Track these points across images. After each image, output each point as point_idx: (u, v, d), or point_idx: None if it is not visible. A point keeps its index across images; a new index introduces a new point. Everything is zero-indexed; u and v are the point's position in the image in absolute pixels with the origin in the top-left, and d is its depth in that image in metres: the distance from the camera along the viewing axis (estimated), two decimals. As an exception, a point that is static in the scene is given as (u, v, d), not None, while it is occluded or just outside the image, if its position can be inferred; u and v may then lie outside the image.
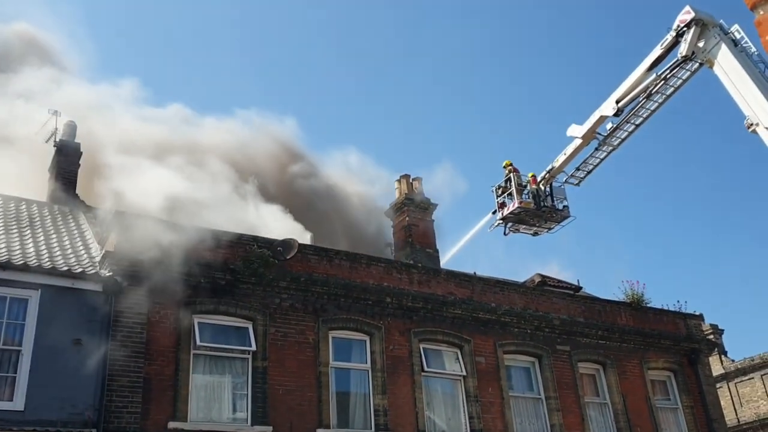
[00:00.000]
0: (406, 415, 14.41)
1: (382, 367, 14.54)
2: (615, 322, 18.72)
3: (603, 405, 17.62)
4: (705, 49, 17.85)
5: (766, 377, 30.71)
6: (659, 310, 19.94)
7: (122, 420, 11.47)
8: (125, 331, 12.03)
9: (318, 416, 13.38)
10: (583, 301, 19.02)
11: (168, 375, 12.28)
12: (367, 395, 14.30)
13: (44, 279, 11.72)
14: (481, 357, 15.97)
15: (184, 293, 12.93)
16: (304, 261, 14.54)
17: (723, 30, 17.74)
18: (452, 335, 15.80)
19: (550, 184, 22.68)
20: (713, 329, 31.03)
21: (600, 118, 20.67)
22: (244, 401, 12.94)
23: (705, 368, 19.83)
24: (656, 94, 19.68)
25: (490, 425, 15.34)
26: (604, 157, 21.55)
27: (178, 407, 12.15)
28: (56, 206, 15.98)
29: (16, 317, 11.41)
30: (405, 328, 15.24)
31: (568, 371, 17.20)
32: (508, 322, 16.69)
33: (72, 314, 11.69)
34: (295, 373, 13.50)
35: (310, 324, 14.09)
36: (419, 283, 15.97)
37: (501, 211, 22.89)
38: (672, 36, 18.55)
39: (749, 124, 16.46)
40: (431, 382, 15.30)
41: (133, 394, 11.73)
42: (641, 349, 18.72)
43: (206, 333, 13.06)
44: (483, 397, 15.54)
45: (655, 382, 18.84)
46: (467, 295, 16.47)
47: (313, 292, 14.28)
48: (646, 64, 19.41)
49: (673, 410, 18.82)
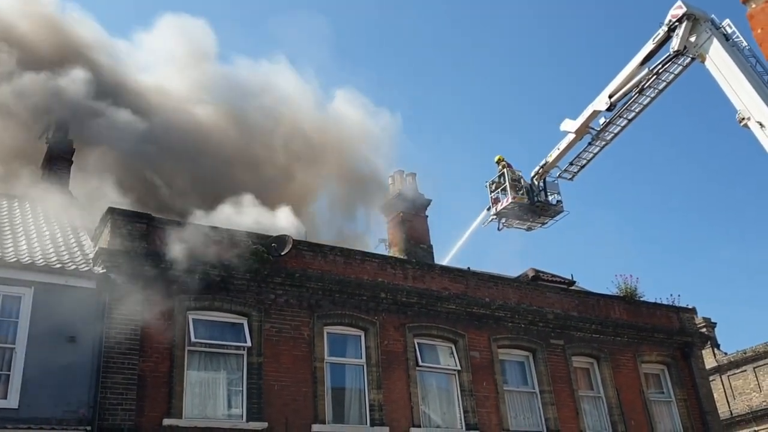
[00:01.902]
0: (401, 409, 14.44)
1: (377, 362, 14.57)
2: (608, 316, 18.80)
3: (597, 398, 17.70)
4: (697, 44, 17.91)
5: (758, 370, 30.87)
6: (652, 304, 20.04)
7: (117, 417, 11.45)
8: (119, 328, 12.00)
9: (313, 411, 13.39)
10: (577, 296, 19.09)
11: (162, 372, 12.26)
12: (362, 390, 14.32)
13: (37, 276, 11.69)
14: (476, 351, 16.02)
15: (178, 290, 12.91)
16: (298, 257, 14.55)
17: (714, 24, 17.82)
18: (447, 330, 15.84)
19: (543, 178, 22.73)
20: (706, 322, 31.18)
21: (593, 113, 20.73)
22: (239, 397, 12.94)
23: (698, 361, 19.94)
24: (648, 88, 19.76)
25: (485, 419, 15.40)
26: (598, 152, 21.62)
27: (173, 404, 12.14)
28: (49, 203, 15.92)
29: (10, 315, 11.38)
30: (400, 323, 15.27)
31: (563, 365, 17.27)
32: (503, 317, 16.74)
33: (65, 311, 11.64)
34: (290, 369, 13.51)
35: (305, 320, 14.10)
36: (414, 279, 16.00)
37: (495, 206, 22.95)
38: (664, 31, 18.61)
39: (741, 119, 16.52)
40: (426, 376, 15.34)
41: (128, 391, 11.71)
42: (635, 343, 18.81)
43: (201, 329, 13.06)
44: (477, 392, 15.59)
45: (648, 376, 18.93)
46: (461, 290, 16.51)
47: (308, 288, 14.29)
48: (639, 59, 19.47)
49: (666, 403, 18.92)
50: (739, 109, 16.57)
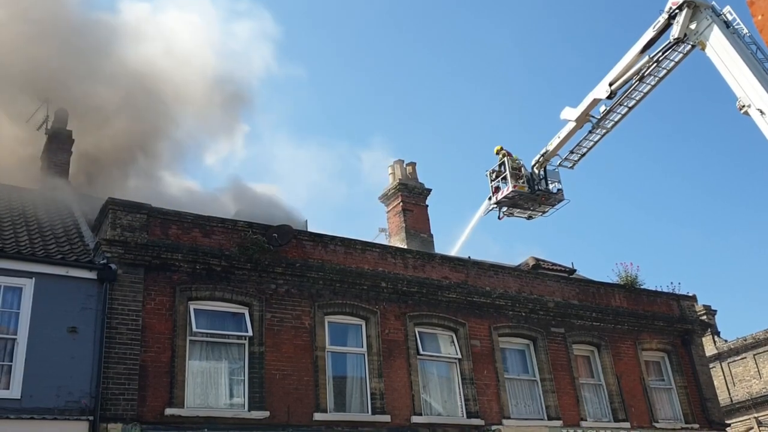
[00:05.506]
0: (402, 398, 14.49)
1: (378, 351, 14.60)
2: (609, 304, 18.83)
3: (598, 386, 17.76)
4: (697, 31, 17.85)
5: (758, 357, 30.97)
6: (653, 292, 20.06)
7: (119, 407, 11.48)
8: (120, 318, 12.02)
9: (315, 400, 13.44)
10: (578, 284, 19.11)
11: (164, 362, 12.29)
12: (363, 379, 14.36)
13: (38, 267, 11.71)
14: (476, 340, 16.05)
15: (179, 280, 12.93)
16: (299, 247, 14.55)
17: (715, 12, 17.75)
18: (447, 319, 15.87)
19: (544, 167, 22.74)
20: (706, 310, 31.24)
21: (593, 101, 20.72)
22: (240, 387, 12.97)
23: (698, 348, 19.99)
24: (649, 76, 19.74)
25: (486, 407, 15.45)
26: (598, 140, 21.63)
27: (175, 394, 12.16)
28: (49, 194, 15.92)
29: (11, 306, 11.39)
30: (400, 312, 15.29)
31: (563, 353, 17.31)
32: (503, 306, 16.77)
33: (67, 302, 11.67)
34: (291, 358, 13.54)
35: (306, 309, 14.12)
36: (414, 268, 16.01)
37: (495, 195, 22.97)
38: (664, 18, 18.56)
39: (741, 106, 16.49)
40: (427, 365, 15.38)
41: (130, 381, 11.73)
42: (635, 331, 18.85)
43: (202, 319, 13.08)
44: (478, 380, 15.64)
45: (649, 363, 18.99)
46: (462, 279, 16.52)
47: (309, 278, 14.30)
48: (639, 47, 19.42)
49: (666, 390, 18.99)
50: (740, 96, 16.53)
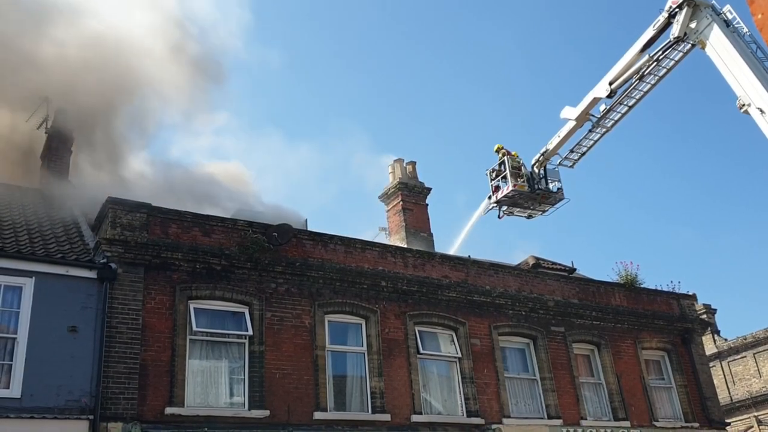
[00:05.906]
0: (402, 397, 14.50)
1: (378, 349, 14.60)
2: (609, 303, 18.84)
3: (598, 385, 17.77)
4: (697, 30, 17.81)
5: (758, 356, 31.00)
6: (653, 291, 20.06)
7: (119, 406, 11.48)
8: (121, 317, 12.03)
9: (315, 399, 13.44)
10: (578, 283, 19.11)
11: (164, 361, 12.29)
12: (363, 378, 14.37)
13: (38, 266, 11.72)
14: (476, 339, 16.06)
15: (179, 279, 12.93)
16: (299, 246, 14.55)
17: (715, 10, 17.70)
18: (447, 318, 15.87)
19: (544, 166, 22.72)
20: (706, 309, 31.26)
21: (593, 100, 20.68)
22: (241, 386, 12.98)
23: (698, 347, 19.99)
24: (649, 75, 19.71)
25: (486, 406, 15.45)
26: (598, 139, 21.60)
27: (175, 393, 12.17)
28: (49, 193, 15.92)
29: (11, 305, 11.40)
30: (400, 311, 15.29)
31: (563, 352, 17.32)
32: (503, 305, 16.77)
33: (67, 301, 11.67)
34: (291, 357, 13.55)
35: (306, 308, 14.12)
36: (414, 267, 16.01)
37: (495, 194, 22.94)
38: (664, 17, 18.51)
39: (741, 105, 16.46)
40: (427, 364, 15.39)
41: (130, 380, 11.74)
42: (635, 330, 18.85)
43: (202, 318, 13.08)
44: (478, 379, 15.64)
45: (649, 362, 18.99)
46: (462, 278, 16.52)
47: (309, 277, 14.30)
48: (639, 46, 19.39)
49: (666, 389, 19.00)
50: (740, 95, 16.50)
